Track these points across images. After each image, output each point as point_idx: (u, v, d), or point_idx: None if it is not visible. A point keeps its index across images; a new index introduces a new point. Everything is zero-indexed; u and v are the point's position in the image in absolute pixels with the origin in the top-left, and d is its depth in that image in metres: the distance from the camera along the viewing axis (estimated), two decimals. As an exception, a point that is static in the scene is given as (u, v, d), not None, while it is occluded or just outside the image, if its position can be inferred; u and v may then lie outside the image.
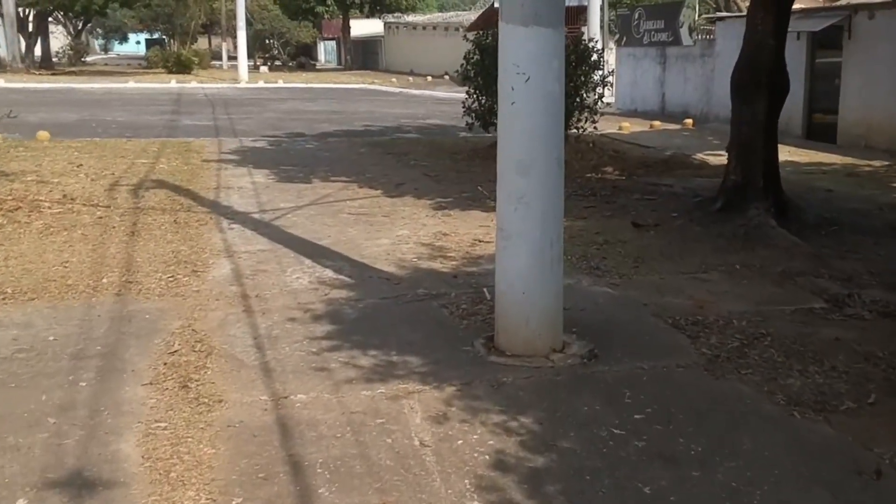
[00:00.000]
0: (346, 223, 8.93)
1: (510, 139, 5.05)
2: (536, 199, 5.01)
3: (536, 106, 4.92)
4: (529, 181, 5.00)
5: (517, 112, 4.96)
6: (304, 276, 6.89)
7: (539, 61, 4.88)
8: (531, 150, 4.97)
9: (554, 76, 4.94)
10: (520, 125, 4.98)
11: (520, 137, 4.99)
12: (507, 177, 5.10)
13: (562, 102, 5.07)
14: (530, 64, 4.87)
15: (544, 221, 5.06)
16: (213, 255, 7.50)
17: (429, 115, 23.57)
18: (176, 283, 6.59)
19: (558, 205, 5.14)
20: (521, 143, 4.99)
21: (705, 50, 20.07)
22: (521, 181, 5.02)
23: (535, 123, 4.94)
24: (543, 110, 4.94)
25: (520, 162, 5.00)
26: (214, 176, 11.79)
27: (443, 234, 8.40)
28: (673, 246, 8.05)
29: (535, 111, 4.93)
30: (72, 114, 21.79)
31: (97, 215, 8.92)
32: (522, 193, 5.02)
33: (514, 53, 4.92)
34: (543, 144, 4.98)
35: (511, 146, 5.05)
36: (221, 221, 8.87)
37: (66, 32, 55.89)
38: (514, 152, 5.03)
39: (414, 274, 7.01)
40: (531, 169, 4.98)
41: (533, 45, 4.86)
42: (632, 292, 6.58)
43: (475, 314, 5.99)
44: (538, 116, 4.94)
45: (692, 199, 10.06)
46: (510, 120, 5.02)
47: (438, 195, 10.60)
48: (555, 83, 4.96)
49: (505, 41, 4.99)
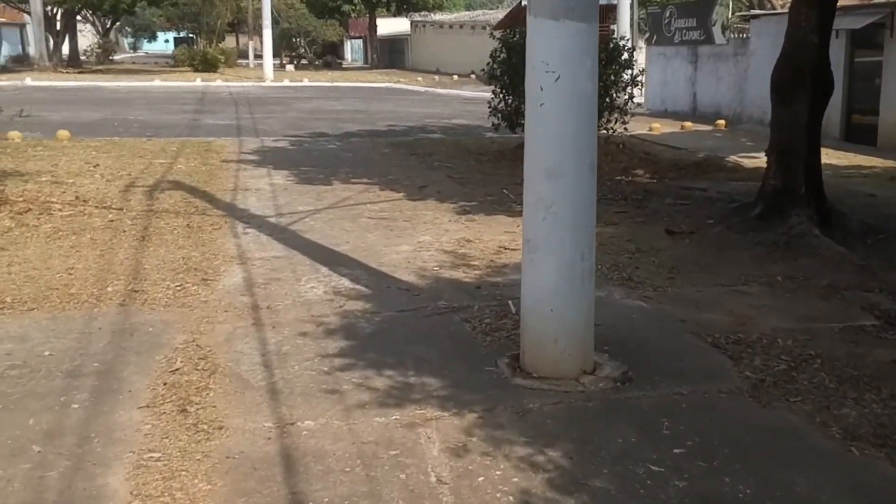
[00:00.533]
0: (366, 228, 8.56)
1: (538, 143, 4.65)
2: (566, 209, 4.61)
3: (567, 107, 4.52)
4: (559, 189, 4.60)
5: (546, 114, 4.56)
6: (318, 286, 6.53)
7: (570, 59, 4.48)
8: (561, 155, 4.57)
9: (586, 75, 4.54)
10: (549, 128, 4.58)
11: (549, 141, 4.59)
12: (535, 183, 4.70)
13: (594, 103, 4.67)
14: (561, 61, 4.47)
15: (575, 232, 4.65)
16: (226, 261, 7.15)
17: (454, 114, 23.18)
18: (184, 293, 6.25)
19: (590, 214, 4.73)
20: (550, 148, 4.59)
21: (739, 49, 19.51)
22: (549, 188, 4.62)
23: (565, 126, 4.54)
24: (575, 112, 4.54)
25: (549, 168, 4.60)
26: (232, 177, 11.47)
27: (466, 241, 8.01)
28: (709, 255, 7.61)
29: (565, 113, 4.53)
30: (95, 112, 21.62)
31: (108, 218, 8.61)
32: (551, 202, 4.62)
33: (543, 50, 4.52)
34: (574, 149, 4.57)
35: (539, 150, 4.65)
36: (236, 225, 8.53)
37: (95, 31, 56.05)
38: (542, 157, 4.63)
39: (435, 284, 6.63)
40: (561, 175, 4.58)
41: (564, 41, 4.46)
42: (667, 306, 6.16)
43: (499, 329, 5.60)
44: (569, 118, 4.53)
45: (728, 204, 9.59)
46: (538, 122, 4.63)
47: (462, 199, 10.21)
48: (587, 82, 4.55)
49: (533, 37, 4.59)
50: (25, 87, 31.32)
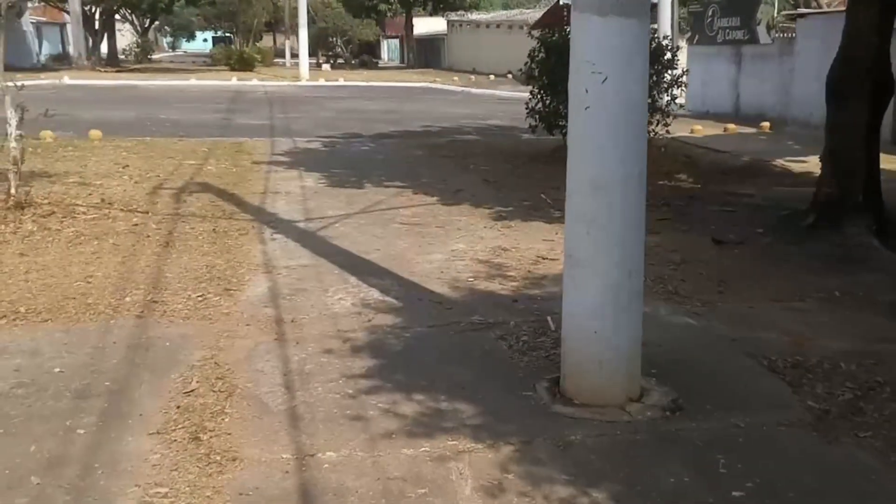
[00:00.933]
0: (398, 234, 8.22)
1: (582, 151, 4.27)
2: (613, 223, 4.23)
3: (615, 112, 4.14)
4: (604, 201, 4.22)
5: (591, 119, 4.18)
6: (346, 298, 6.20)
7: (619, 58, 4.09)
8: (607, 164, 4.19)
9: (636, 76, 4.16)
10: (594, 135, 4.20)
11: (594, 149, 4.21)
12: (578, 195, 4.32)
13: (644, 108, 4.28)
14: (608, 62, 4.09)
15: (622, 249, 4.27)
16: (251, 270, 6.85)
17: (490, 115, 22.79)
18: (205, 304, 5.95)
19: (639, 229, 4.35)
20: (595, 156, 4.21)
21: (784, 49, 18.91)
22: (594, 201, 4.24)
23: (612, 133, 4.16)
24: (623, 117, 4.15)
25: (593, 178, 4.22)
26: (263, 179, 11.20)
27: (502, 250, 7.64)
28: (760, 267, 7.17)
29: (612, 118, 4.14)
30: (129, 112, 21.52)
31: (133, 222, 8.36)
32: (596, 215, 4.24)
33: (588, 49, 4.14)
34: (622, 158, 4.19)
35: (583, 159, 4.27)
36: (264, 231, 8.24)
37: (134, 30, 56.42)
38: (586, 166, 4.25)
39: (468, 297, 6.27)
40: (607, 187, 4.20)
41: (612, 39, 4.08)
42: (717, 324, 5.74)
43: (537, 348, 5.23)
44: (617, 125, 4.15)
45: (778, 212, 9.12)
46: (582, 128, 4.25)
47: (498, 203, 9.83)
48: (637, 85, 4.17)
49: (578, 34, 4.21)
50: (62, 86, 31.39)
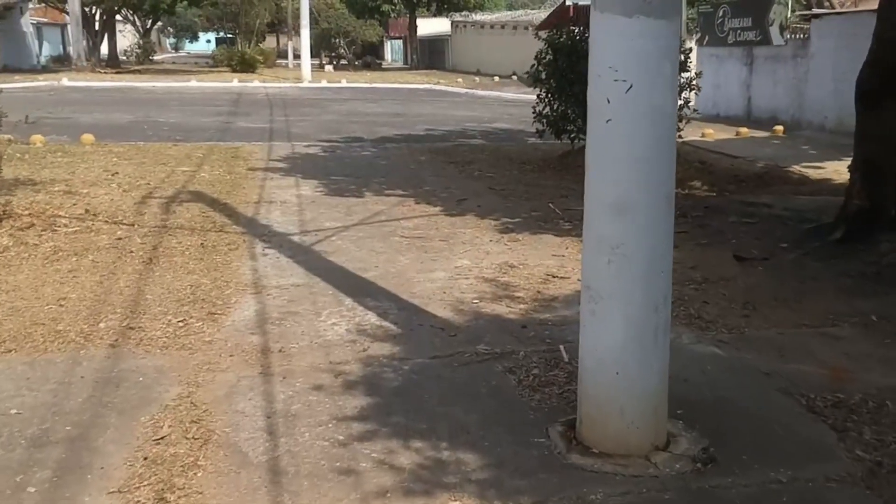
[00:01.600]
0: (398, 249, 7.72)
1: (603, 168, 3.76)
2: (638, 250, 3.73)
3: (641, 125, 3.63)
4: (629, 225, 3.71)
5: (613, 132, 3.67)
6: (340, 323, 5.70)
7: (646, 64, 3.59)
8: (632, 183, 3.68)
9: (665, 85, 3.65)
10: (617, 150, 3.69)
11: (617, 166, 3.70)
12: (598, 218, 3.81)
13: (674, 120, 3.78)
14: (634, 68, 3.58)
15: (648, 279, 3.76)
16: (238, 290, 6.35)
17: (495, 118, 22.30)
18: (186, 331, 5.45)
19: (666, 258, 3.84)
20: (618, 175, 3.70)
21: (798, 50, 18.38)
22: (617, 225, 3.73)
23: (637, 148, 3.65)
24: (650, 131, 3.65)
25: (616, 200, 3.71)
26: (258, 187, 10.71)
27: (509, 266, 7.13)
28: (788, 287, 6.65)
29: (638, 132, 3.64)
30: (126, 114, 21.07)
31: (116, 236, 7.87)
32: (619, 241, 3.73)
33: (611, 53, 3.64)
34: (649, 177, 3.69)
35: (604, 177, 3.76)
36: (255, 245, 7.74)
37: (136, 31, 55.99)
38: (608, 186, 3.75)
39: (474, 322, 5.76)
40: (631, 209, 3.69)
41: (638, 42, 3.57)
42: (746, 354, 5.23)
43: (550, 383, 4.73)
44: (643, 139, 3.64)
45: (802, 224, 8.60)
46: (603, 143, 3.74)
47: (505, 214, 9.33)
48: (666, 94, 3.66)
49: (599, 37, 3.70)
50: (61, 88, 30.99)
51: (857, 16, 16.02)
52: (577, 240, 8.07)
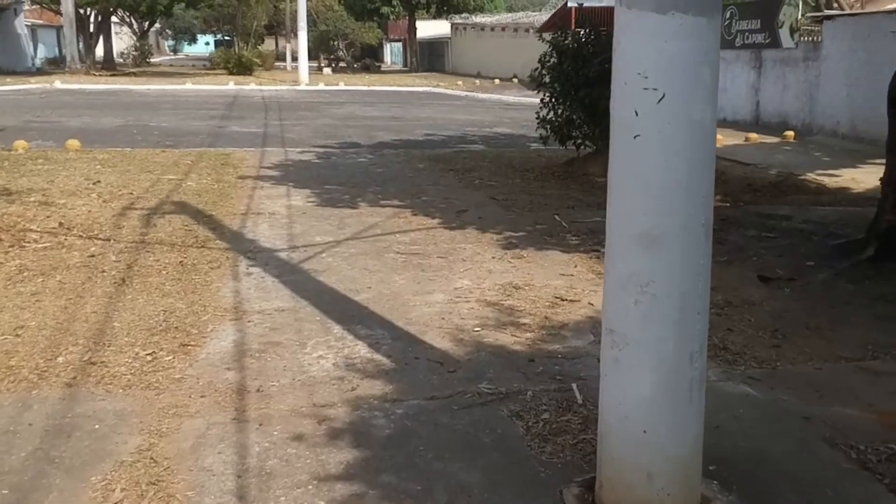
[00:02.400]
0: (393, 267, 7.15)
1: (629, 193, 3.19)
2: (671, 289, 3.16)
3: (675, 142, 3.06)
4: (660, 260, 3.14)
5: (643, 151, 3.10)
6: (327, 355, 5.12)
7: (682, 69, 3.02)
8: (664, 211, 3.11)
9: (704, 94, 3.08)
10: (646, 172, 3.12)
11: (646, 191, 3.13)
12: (623, 251, 3.24)
13: (713, 137, 3.20)
14: (667, 74, 3.02)
15: (682, 323, 3.20)
16: (216, 316, 5.78)
17: (496, 122, 21.75)
18: (154, 366, 4.88)
19: (703, 297, 3.27)
20: (647, 201, 3.14)
21: (809, 53, 17.81)
22: (646, 260, 3.16)
23: (672, 170, 3.09)
24: (686, 148, 3.08)
25: (645, 230, 3.14)
26: (246, 197, 10.13)
27: (513, 288, 6.56)
28: (819, 312, 6.08)
29: (672, 149, 3.07)
30: (117, 118, 20.50)
31: (89, 253, 7.29)
32: (648, 279, 3.16)
33: (640, 56, 3.07)
34: (685, 203, 3.12)
35: (630, 204, 3.19)
36: (239, 262, 7.17)
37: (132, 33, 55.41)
38: (635, 214, 3.18)
39: (475, 354, 5.19)
40: (663, 241, 3.13)
41: (673, 45, 3.00)
42: (781, 394, 4.66)
43: (563, 431, 4.15)
44: (678, 158, 3.08)
45: (827, 239, 8.03)
46: (630, 163, 3.17)
47: (507, 227, 8.76)
48: (706, 106, 3.09)
49: (626, 37, 3.14)
50: (53, 91, 30.44)
51: (872, 17, 15.46)
52: (586, 256, 7.52)
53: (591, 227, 8.68)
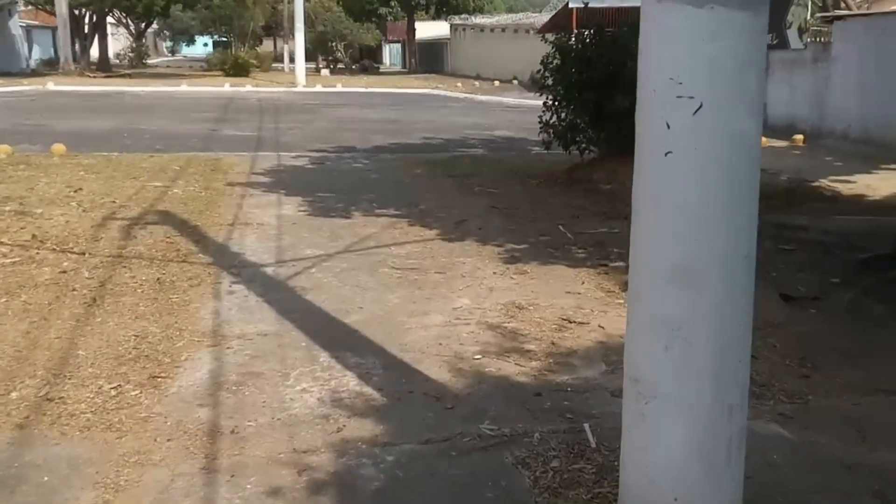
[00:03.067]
0: (388, 284, 6.66)
1: (659, 220, 2.70)
2: (708, 333, 2.67)
3: (714, 160, 2.58)
4: (695, 300, 2.65)
5: (675, 170, 2.62)
6: (312, 388, 4.63)
7: (723, 74, 2.54)
8: (701, 242, 2.63)
9: (749, 103, 2.60)
10: (680, 195, 2.63)
11: (680, 218, 2.64)
12: (652, 289, 2.75)
13: (758, 153, 2.72)
14: (706, 79, 2.53)
15: (720, 373, 2.71)
16: (193, 342, 5.28)
17: (496, 124, 21.26)
18: (118, 402, 4.38)
19: (744, 341, 2.78)
20: (680, 230, 2.65)
21: (819, 54, 17.33)
22: (678, 299, 2.67)
23: (709, 192, 2.60)
24: (727, 168, 2.59)
25: (679, 264, 2.65)
26: (235, 206, 9.64)
27: (517, 308, 6.07)
28: (850, 336, 5.59)
29: (710, 169, 2.58)
30: (108, 121, 20.00)
31: (62, 268, 6.80)
32: (681, 321, 2.67)
33: (673, 59, 2.58)
34: (725, 232, 2.63)
35: (660, 233, 2.70)
36: (222, 279, 6.68)
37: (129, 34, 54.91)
38: (665, 245, 2.69)
39: (476, 386, 4.70)
40: (700, 277, 2.64)
41: (713, 45, 2.52)
42: (817, 436, 4.17)
43: (575, 482, 3.66)
44: (718, 179, 2.59)
45: (849, 253, 7.55)
46: (660, 184, 2.68)
47: (509, 238, 8.27)
48: (750, 117, 2.61)
49: (655, 36, 2.64)
50: (45, 93, 29.95)
51: (885, 18, 15.00)
52: (594, 271, 7.03)
53: (598, 239, 8.20)
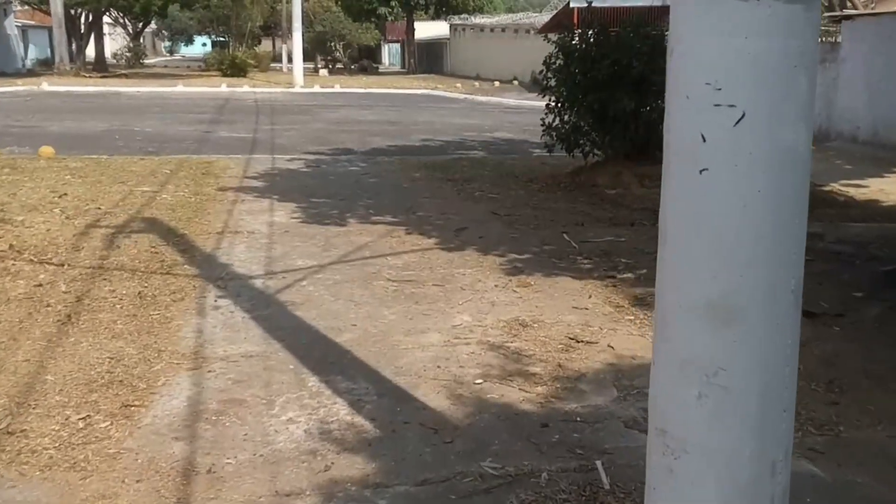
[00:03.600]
0: (383, 298, 6.28)
1: (692, 247, 2.31)
2: (749, 380, 2.29)
3: (758, 178, 2.19)
4: (734, 341, 2.27)
5: (712, 190, 2.23)
6: (299, 418, 4.25)
7: (770, 78, 2.15)
8: (742, 273, 2.24)
9: (798, 112, 2.21)
10: (717, 219, 2.24)
11: (716, 245, 2.25)
12: (682, 326, 2.36)
13: (808, 170, 2.33)
14: (749, 84, 2.14)
15: (762, 424, 2.33)
16: (171, 365, 4.90)
17: (496, 126, 20.88)
18: (85, 436, 4.00)
19: (790, 387, 2.40)
20: (717, 259, 2.26)
21: (826, 55, 16.93)
22: (714, 339, 2.29)
23: (752, 216, 2.21)
24: (772, 187, 2.21)
25: (715, 299, 2.26)
26: (225, 212, 9.26)
27: (520, 325, 5.69)
28: (879, 357, 5.21)
29: (753, 189, 2.20)
30: (101, 123, 19.61)
31: (37, 281, 6.42)
32: (717, 365, 2.29)
33: (709, 60, 2.19)
34: (769, 262, 2.25)
35: (693, 263, 2.31)
36: (207, 293, 6.30)
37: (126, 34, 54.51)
38: (700, 276, 2.30)
39: (477, 416, 4.32)
40: (740, 315, 2.25)
41: (758, 43, 2.13)
42: (854, 474, 3.78)
43: (587, 531, 3.28)
44: (760, 200, 2.20)
45: (870, 263, 7.17)
46: (694, 206, 2.29)
47: (511, 247, 7.89)
48: (798, 129, 2.22)
49: (688, 32, 2.25)
50: (39, 93, 29.55)
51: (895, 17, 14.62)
52: (601, 284, 6.65)
53: (604, 248, 7.82)
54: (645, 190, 10.36)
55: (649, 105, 10.97)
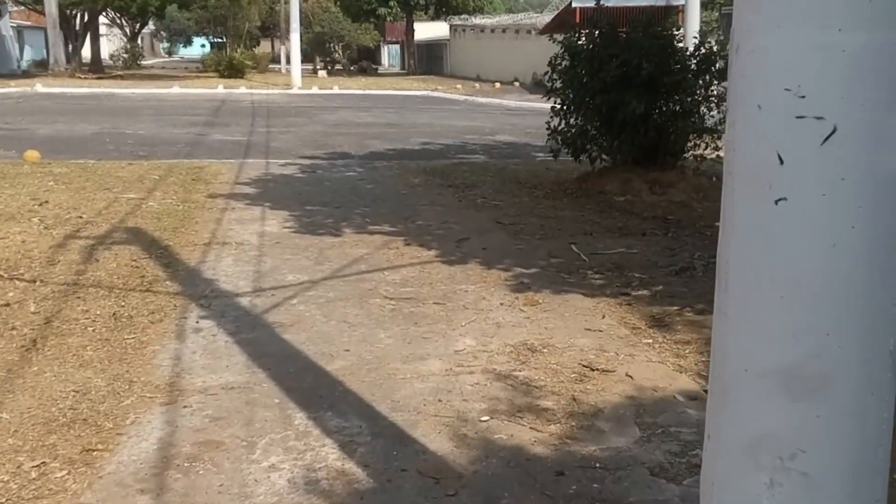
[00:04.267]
0: (379, 319, 5.80)
1: (763, 296, 1.83)
2: (835, 463, 1.81)
3: (852, 211, 1.71)
4: (817, 416, 1.79)
5: (791, 225, 1.75)
6: (283, 465, 3.76)
7: (869, 85, 1.67)
8: (828, 330, 1.76)
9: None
10: (797, 262, 1.76)
11: (795, 298, 1.77)
12: (748, 396, 1.88)
13: (910, 197, 1.85)
14: (841, 91, 1.66)
15: (850, 519, 1.85)
16: (143, 399, 4.42)
17: (498, 129, 20.39)
18: (37, 489, 3.51)
19: (883, 472, 1.92)
20: (797, 312, 1.77)
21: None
22: (790, 413, 1.81)
23: (842, 259, 1.73)
24: (869, 224, 1.73)
25: (793, 365, 1.78)
26: (213, 222, 8.77)
27: (529, 350, 5.21)
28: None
29: (845, 225, 1.72)
30: (92, 125, 19.14)
31: (5, 300, 5.93)
32: (795, 446, 1.81)
33: (788, 60, 1.71)
34: (863, 317, 1.76)
35: (764, 319, 1.83)
36: (189, 313, 5.82)
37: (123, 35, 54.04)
38: (773, 334, 1.81)
39: (483, 461, 3.83)
40: (825, 383, 1.77)
41: (854, 39, 1.65)
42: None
43: None
44: (854, 240, 1.72)
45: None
46: (767, 245, 1.80)
47: (517, 261, 7.41)
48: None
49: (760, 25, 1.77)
50: (33, 95, 29.08)
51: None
52: (615, 302, 6.17)
53: (616, 261, 7.34)
54: (655, 197, 9.88)
55: (659, 108, 10.50)
